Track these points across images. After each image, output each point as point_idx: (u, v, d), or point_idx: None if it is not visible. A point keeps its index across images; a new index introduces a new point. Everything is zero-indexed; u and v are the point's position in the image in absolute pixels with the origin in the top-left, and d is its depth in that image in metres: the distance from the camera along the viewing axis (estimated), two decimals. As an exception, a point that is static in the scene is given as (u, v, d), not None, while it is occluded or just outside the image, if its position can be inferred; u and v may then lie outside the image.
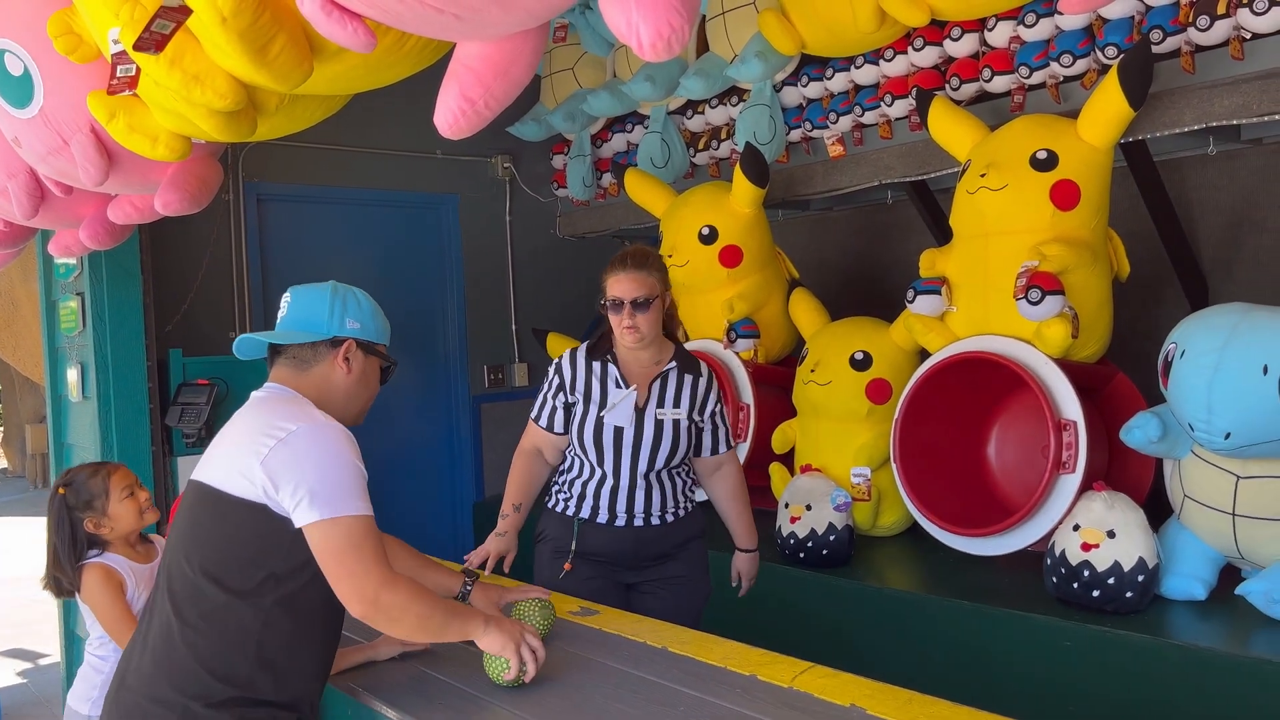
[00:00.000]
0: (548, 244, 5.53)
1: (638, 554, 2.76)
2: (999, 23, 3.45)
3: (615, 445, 2.71)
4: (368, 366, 1.97)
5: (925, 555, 3.51)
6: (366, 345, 1.96)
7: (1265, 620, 2.64)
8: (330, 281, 1.99)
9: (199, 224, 4.00)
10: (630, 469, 2.71)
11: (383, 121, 4.71)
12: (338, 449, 1.78)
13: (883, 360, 3.63)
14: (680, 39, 1.16)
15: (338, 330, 1.91)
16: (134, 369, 3.79)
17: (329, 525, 1.73)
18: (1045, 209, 3.10)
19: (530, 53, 1.45)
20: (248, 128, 1.94)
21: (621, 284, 2.77)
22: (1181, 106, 3.08)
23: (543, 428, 2.81)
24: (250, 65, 1.51)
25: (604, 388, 2.76)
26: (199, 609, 1.75)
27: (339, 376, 1.92)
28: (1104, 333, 3.25)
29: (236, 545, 1.76)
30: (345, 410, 1.94)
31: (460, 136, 1.56)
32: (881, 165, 3.93)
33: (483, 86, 1.45)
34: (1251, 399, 2.50)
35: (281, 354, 1.93)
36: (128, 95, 2.05)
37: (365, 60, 1.63)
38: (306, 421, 1.79)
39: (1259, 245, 3.81)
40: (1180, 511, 2.89)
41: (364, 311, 1.96)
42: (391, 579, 1.79)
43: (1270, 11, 2.81)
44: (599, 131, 5.08)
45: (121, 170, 2.38)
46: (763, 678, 1.99)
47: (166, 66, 1.70)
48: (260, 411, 1.84)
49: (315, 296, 1.94)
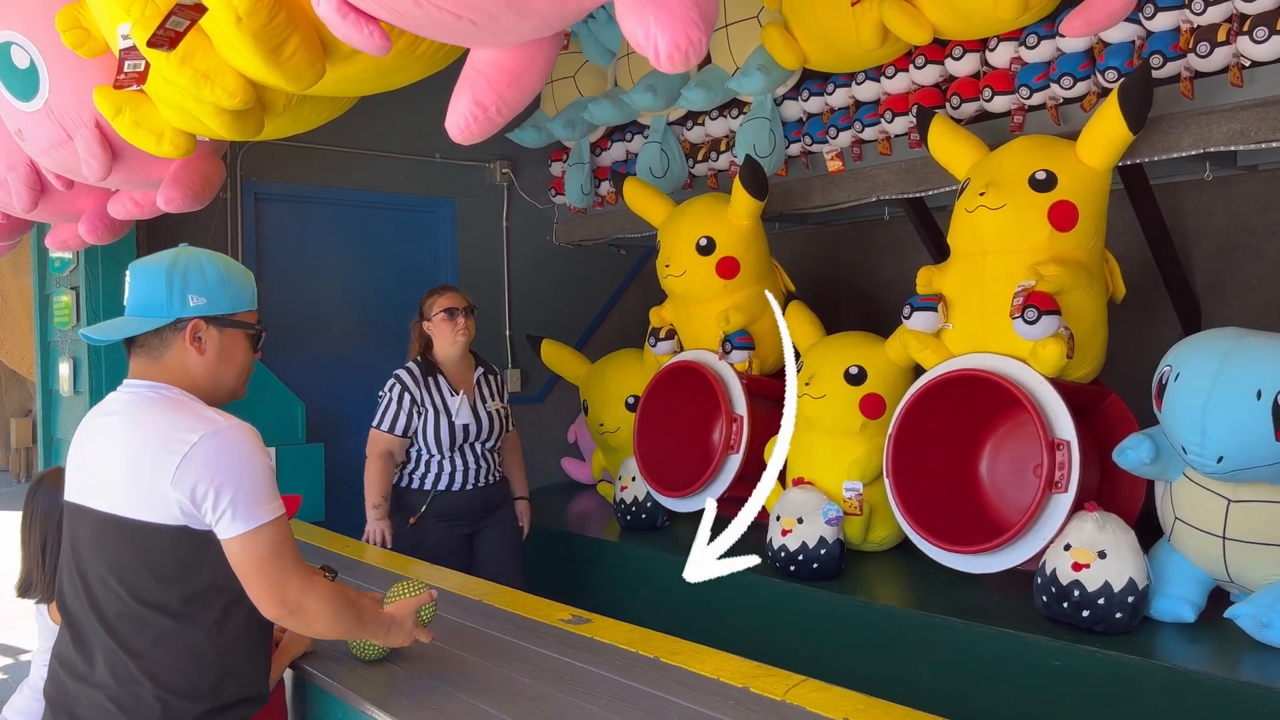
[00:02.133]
0: (544, 251, 5.53)
1: (483, 507, 3.75)
2: (1000, 43, 3.47)
3: (465, 436, 3.67)
4: (226, 341, 1.82)
5: (915, 571, 3.51)
6: (219, 320, 1.79)
7: (1253, 644, 2.64)
8: (170, 252, 1.83)
9: (196, 221, 3.98)
10: (474, 450, 3.70)
11: (382, 124, 4.71)
12: (245, 452, 1.69)
13: (877, 375, 3.63)
14: (698, 51, 1.17)
15: (179, 311, 1.75)
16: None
17: (251, 536, 1.67)
18: (1043, 229, 3.11)
19: (543, 61, 1.46)
20: (255, 127, 1.94)
21: (452, 298, 3.75)
22: (1180, 131, 3.10)
23: (397, 434, 3.61)
24: (264, 65, 1.51)
25: (442, 396, 3.66)
26: (148, 638, 1.69)
27: (194, 360, 1.78)
28: (1098, 353, 3.26)
29: (166, 569, 1.69)
30: (214, 393, 1.82)
31: (471, 142, 1.56)
32: (880, 181, 3.95)
33: (495, 93, 1.45)
34: (1245, 423, 2.51)
35: (134, 343, 1.80)
36: (135, 91, 2.05)
37: (377, 63, 1.63)
38: (205, 427, 1.68)
39: (1252, 271, 3.84)
40: (1170, 534, 2.90)
41: (208, 282, 1.78)
42: (309, 582, 1.76)
43: (1270, 40, 2.83)
44: (598, 140, 5.09)
45: (125, 166, 2.38)
46: (756, 690, 1.99)
47: (177, 63, 1.70)
48: (145, 422, 1.71)
49: (151, 275, 1.77)
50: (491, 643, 2.29)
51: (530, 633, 2.36)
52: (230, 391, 1.88)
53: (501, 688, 2.02)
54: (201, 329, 1.78)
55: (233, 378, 1.86)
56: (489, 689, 2.01)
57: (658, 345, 4.39)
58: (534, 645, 2.27)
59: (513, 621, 2.45)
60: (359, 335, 4.71)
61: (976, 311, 3.27)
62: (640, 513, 4.31)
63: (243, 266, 1.92)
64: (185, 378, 1.79)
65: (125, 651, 1.67)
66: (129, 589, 1.68)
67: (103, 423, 1.78)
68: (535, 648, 2.25)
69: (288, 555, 1.72)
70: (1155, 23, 3.09)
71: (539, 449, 5.47)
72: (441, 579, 2.94)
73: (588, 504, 5.05)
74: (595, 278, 5.74)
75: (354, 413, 4.24)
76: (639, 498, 4.31)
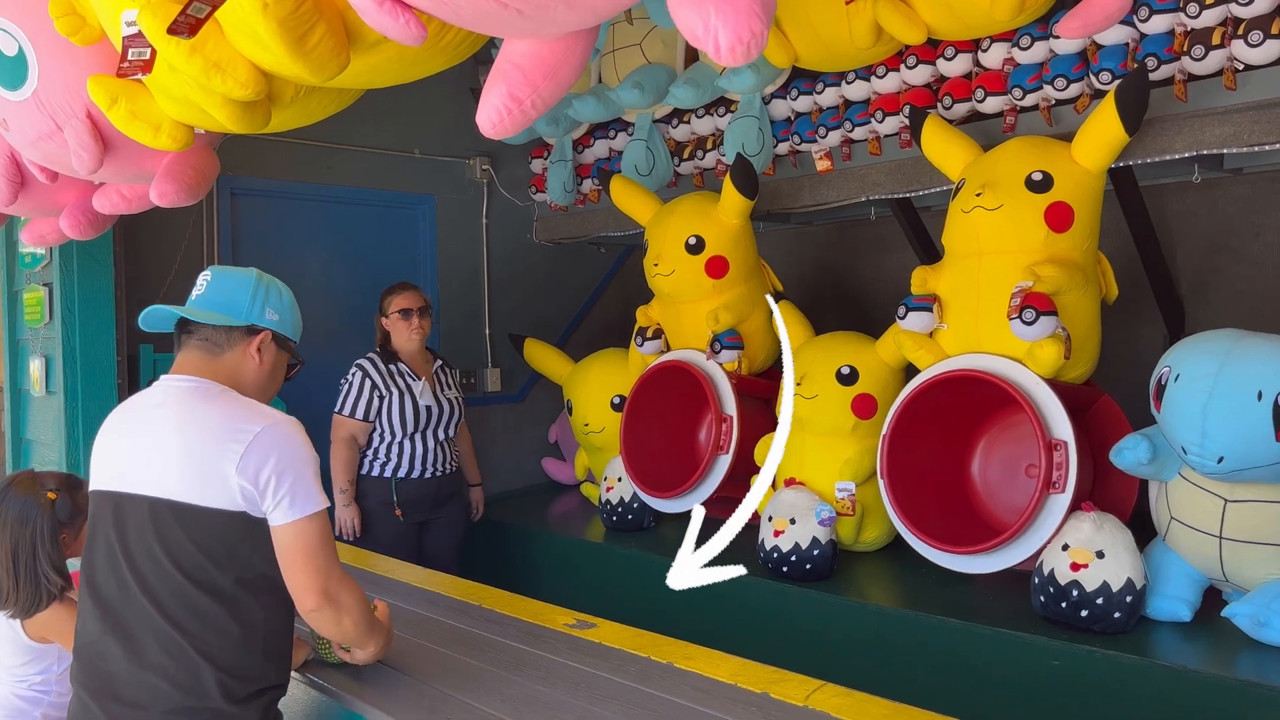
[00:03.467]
0: (524, 249, 5.46)
1: (437, 496, 3.96)
2: (993, 44, 3.47)
3: (426, 420, 3.89)
4: (278, 361, 1.96)
5: (907, 571, 3.51)
6: (281, 339, 1.96)
7: (1250, 642, 2.67)
8: (254, 269, 1.97)
9: (173, 217, 3.88)
10: (433, 435, 3.92)
11: (361, 119, 4.60)
12: (302, 444, 1.80)
13: (869, 375, 3.62)
14: (760, 43, 1.13)
15: (257, 318, 1.90)
16: (103, 364, 3.67)
17: (304, 524, 1.77)
18: (1040, 230, 3.12)
19: (581, 53, 1.42)
20: (263, 119, 1.88)
21: (409, 299, 3.94)
22: (1173, 134, 3.12)
23: (359, 419, 3.84)
24: (287, 55, 1.45)
25: (405, 381, 3.89)
26: (200, 619, 1.75)
27: (250, 367, 1.90)
28: (1093, 354, 3.28)
29: (222, 553, 1.76)
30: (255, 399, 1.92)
31: (502, 137, 1.52)
32: (869, 181, 3.94)
33: (531, 86, 1.41)
34: (1245, 424, 2.53)
35: (193, 334, 1.88)
36: (132, 81, 1.97)
37: (401, 54, 1.58)
38: (265, 419, 1.78)
39: (1236, 273, 3.88)
40: (1166, 533, 2.92)
41: (284, 305, 1.96)
42: (346, 578, 1.85)
43: (1265, 44, 2.86)
44: (580, 137, 5.04)
45: (116, 158, 2.29)
46: (775, 695, 1.97)
47: (187, 52, 1.63)
48: (202, 412, 1.79)
49: (239, 281, 1.93)
50: (500, 649, 2.25)
51: (539, 639, 2.32)
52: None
53: (516, 696, 1.98)
54: (266, 341, 1.92)
55: (269, 395, 1.98)
56: (503, 698, 1.97)
57: (644, 345, 4.35)
58: (544, 652, 2.23)
59: (519, 627, 2.40)
60: (337, 332, 4.61)
61: (971, 312, 3.27)
62: (626, 513, 4.27)
63: None
64: (234, 380, 1.89)
65: (179, 631, 1.74)
66: (184, 570, 1.74)
67: (148, 414, 1.85)
68: (546, 654, 2.21)
69: (331, 548, 1.82)
70: (1150, 25, 3.10)
71: (519, 449, 5.42)
72: (437, 583, 2.88)
73: (570, 505, 5.00)
74: (575, 276, 5.68)
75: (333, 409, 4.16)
76: (625, 498, 4.27)
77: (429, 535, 3.99)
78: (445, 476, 3.99)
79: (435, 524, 3.99)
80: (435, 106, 4.94)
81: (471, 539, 4.30)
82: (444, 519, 4.02)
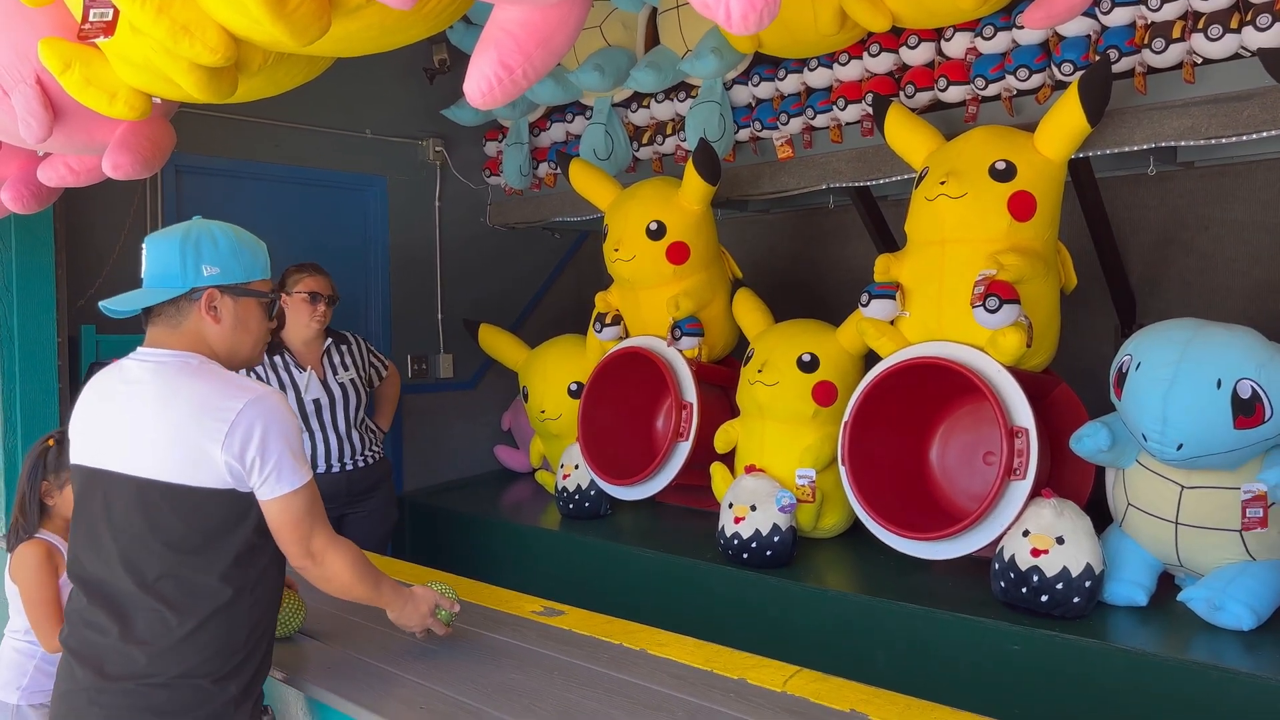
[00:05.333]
0: (477, 233, 5.37)
1: (350, 491, 3.71)
2: (956, 33, 3.49)
3: (318, 414, 3.63)
4: (241, 310, 1.88)
5: (866, 557, 3.53)
6: (234, 289, 1.86)
7: (1205, 626, 2.72)
8: (183, 224, 1.88)
9: (116, 193, 3.73)
10: (333, 427, 3.66)
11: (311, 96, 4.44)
12: (286, 418, 1.80)
13: (829, 363, 3.63)
14: (772, 12, 1.10)
15: (194, 281, 1.82)
16: (43, 345, 3.51)
17: (291, 497, 1.78)
18: (1003, 219, 3.14)
19: (575, 22, 1.37)
20: (229, 87, 1.80)
21: (320, 283, 3.69)
22: (1133, 126, 3.16)
23: None
24: (268, 17, 1.38)
25: (289, 374, 3.62)
26: (191, 599, 1.74)
27: (211, 329, 1.85)
28: (1052, 343, 3.31)
29: (212, 530, 1.76)
30: (231, 360, 1.88)
31: (491, 107, 1.47)
32: (830, 169, 3.93)
33: (523, 54, 1.36)
34: (1205, 412, 2.57)
35: (151, 313, 1.85)
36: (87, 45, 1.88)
37: (382, 20, 1.52)
38: (247, 394, 1.76)
39: (1185, 265, 3.96)
40: (1123, 519, 2.97)
41: (221, 252, 1.85)
42: (335, 537, 1.88)
43: (1224, 38, 2.91)
44: (537, 120, 4.97)
45: (66, 127, 2.18)
46: (753, 681, 1.95)
47: (154, 13, 1.55)
48: (182, 389, 1.77)
49: (167, 246, 1.85)
50: (471, 638, 2.20)
51: (506, 626, 2.27)
52: (246, 359, 1.93)
53: (491, 685, 1.93)
54: (216, 298, 1.84)
55: (249, 346, 1.91)
56: (478, 687, 1.92)
57: (603, 331, 4.30)
58: (514, 640, 2.19)
59: (486, 615, 2.36)
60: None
61: (934, 300, 3.29)
62: (584, 501, 4.23)
63: (254, 236, 1.95)
64: (203, 345, 1.85)
65: (169, 608, 1.73)
66: (174, 550, 1.74)
67: (126, 389, 1.81)
68: (517, 642, 2.17)
69: (318, 513, 1.84)
70: (1111, 18, 3.14)
71: (472, 437, 5.34)
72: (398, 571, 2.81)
73: (524, 492, 4.95)
74: (529, 261, 5.61)
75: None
76: (582, 485, 4.23)
77: (347, 530, 3.68)
78: (357, 471, 3.74)
79: (353, 519, 3.76)
80: (388, 85, 4.84)
81: (422, 528, 4.23)
82: (362, 514, 3.78)
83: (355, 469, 3.73)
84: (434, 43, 4.83)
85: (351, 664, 2.07)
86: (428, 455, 5.11)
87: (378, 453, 3.86)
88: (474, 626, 2.27)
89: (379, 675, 2.02)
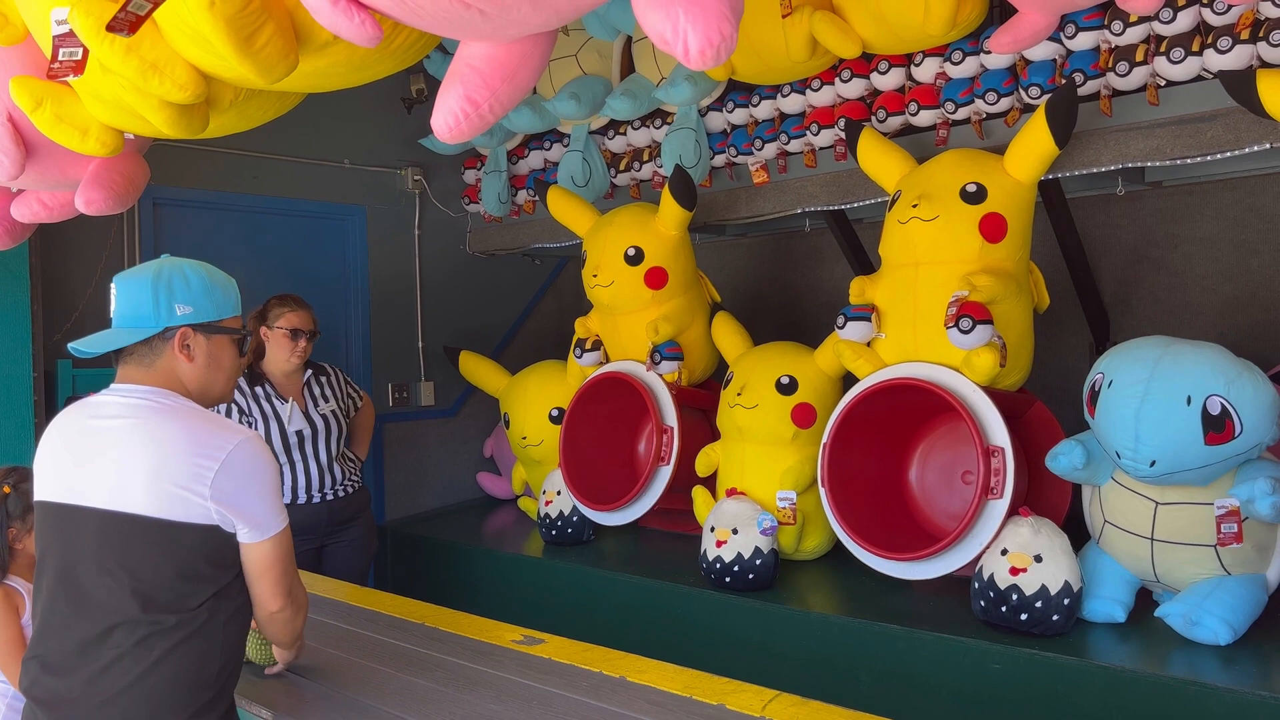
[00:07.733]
0: (457, 260, 5.39)
1: (331, 521, 3.72)
2: (926, 59, 3.54)
3: (300, 445, 3.64)
4: (214, 348, 1.88)
5: (848, 579, 3.54)
6: (206, 327, 1.86)
7: (1182, 641, 2.74)
8: (153, 262, 1.87)
9: (93, 227, 3.73)
10: (315, 458, 3.66)
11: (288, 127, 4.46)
12: (267, 465, 1.80)
13: (808, 385, 3.65)
14: (730, 46, 1.12)
15: (167, 320, 1.82)
16: (18, 380, 3.50)
17: (270, 543, 1.79)
18: (974, 240, 3.18)
19: (540, 56, 1.39)
20: (200, 123, 1.81)
21: (302, 318, 3.68)
22: (1100, 147, 3.21)
23: None
24: (235, 55, 1.40)
25: (271, 405, 3.62)
26: (161, 637, 1.72)
27: (184, 368, 1.84)
28: (1026, 362, 3.35)
29: (195, 565, 1.74)
30: (204, 397, 1.88)
31: (458, 141, 1.48)
32: (805, 193, 3.98)
33: (489, 90, 1.38)
34: (1176, 429, 2.60)
35: (123, 352, 1.84)
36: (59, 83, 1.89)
37: (350, 56, 1.53)
38: (233, 438, 1.75)
39: (1156, 283, 4.01)
40: (1100, 536, 2.99)
41: (193, 291, 1.85)
42: (299, 577, 1.91)
43: (1186, 61, 2.96)
44: (515, 148, 5.00)
45: (39, 163, 2.19)
46: (731, 706, 1.95)
47: (123, 52, 1.56)
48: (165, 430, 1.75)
49: (138, 286, 1.83)
50: (449, 668, 2.19)
51: (485, 656, 2.27)
52: (219, 396, 1.92)
53: (468, 716, 1.93)
54: (189, 337, 1.84)
55: (221, 383, 1.92)
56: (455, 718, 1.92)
57: (583, 356, 4.32)
58: (492, 669, 2.18)
59: (465, 645, 2.35)
60: (265, 347, 4.49)
61: (909, 321, 3.32)
62: (566, 527, 4.22)
63: (224, 273, 1.94)
64: (177, 383, 1.84)
65: (141, 647, 1.71)
66: (149, 585, 1.72)
67: (102, 425, 1.79)
68: (494, 671, 2.16)
69: (292, 556, 1.86)
70: (1076, 42, 3.19)
71: (453, 464, 5.33)
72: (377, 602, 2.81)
73: (506, 519, 4.94)
74: (509, 288, 5.63)
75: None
76: (565, 511, 4.23)
77: (328, 561, 3.76)
78: (338, 501, 3.73)
79: (333, 549, 3.77)
80: (366, 115, 4.86)
81: (405, 557, 4.21)
82: (343, 544, 3.79)
83: (336, 499, 3.73)
84: (411, 73, 4.86)
85: (330, 697, 2.06)
86: (410, 483, 5.10)
87: (357, 482, 3.87)
88: (453, 657, 2.26)
89: (358, 709, 2.01)
